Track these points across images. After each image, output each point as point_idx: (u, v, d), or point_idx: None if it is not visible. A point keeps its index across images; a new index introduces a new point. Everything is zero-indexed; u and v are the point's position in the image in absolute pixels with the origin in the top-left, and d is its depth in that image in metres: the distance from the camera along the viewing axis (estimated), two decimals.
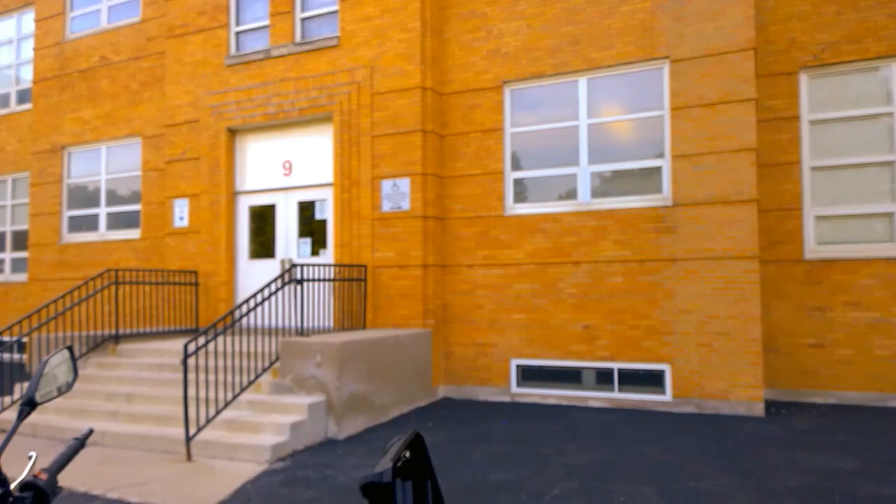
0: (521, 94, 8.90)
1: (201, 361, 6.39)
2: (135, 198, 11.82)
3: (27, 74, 13.92)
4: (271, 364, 7.14)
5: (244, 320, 7.11)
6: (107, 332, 8.78)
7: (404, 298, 8.72)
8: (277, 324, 7.36)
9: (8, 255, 14.15)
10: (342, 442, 6.68)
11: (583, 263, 8.31)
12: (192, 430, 6.08)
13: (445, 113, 9.17)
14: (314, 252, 9.62)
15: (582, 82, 8.55)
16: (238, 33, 10.37)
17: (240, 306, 7.03)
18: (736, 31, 7.66)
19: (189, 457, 6.03)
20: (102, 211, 12.14)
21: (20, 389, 8.03)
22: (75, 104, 12.39)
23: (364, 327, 8.72)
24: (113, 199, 12.09)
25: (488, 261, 8.86)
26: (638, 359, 7.99)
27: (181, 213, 10.46)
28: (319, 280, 7.92)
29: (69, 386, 1.69)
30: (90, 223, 12.27)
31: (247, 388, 6.72)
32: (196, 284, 10.01)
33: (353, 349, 7.11)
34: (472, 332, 8.87)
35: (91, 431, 1.66)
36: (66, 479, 1.47)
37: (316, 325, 7.73)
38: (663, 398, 7.85)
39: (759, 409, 7.36)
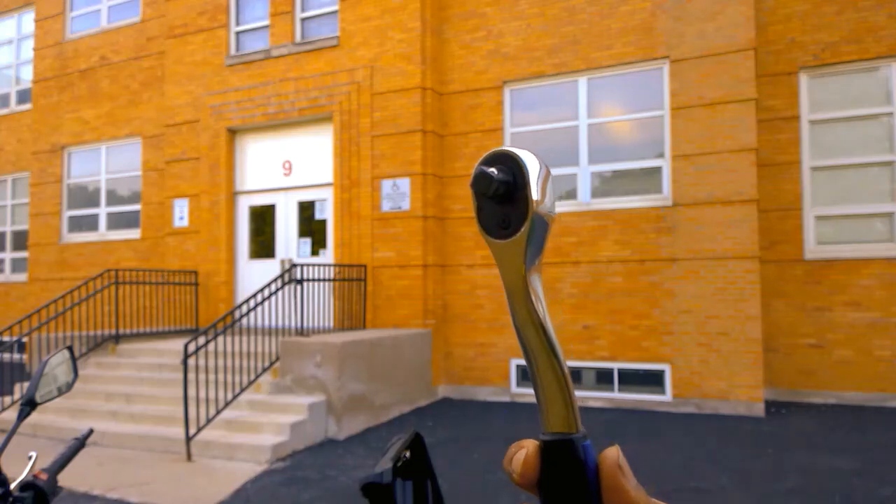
0: (521, 94, 8.90)
1: (201, 361, 6.39)
2: (135, 198, 11.82)
3: (27, 74, 13.91)
4: (271, 364, 7.14)
5: (244, 320, 7.12)
6: (107, 332, 8.78)
7: (404, 298, 8.72)
8: (277, 324, 7.35)
9: (8, 255, 14.15)
10: (342, 442, 6.68)
11: (583, 263, 8.31)
12: (192, 430, 6.09)
13: (445, 113, 9.17)
14: (314, 252, 9.62)
15: (582, 82, 8.55)
16: (238, 33, 10.37)
17: (240, 306, 7.03)
18: (736, 31, 7.65)
19: (189, 457, 6.03)
20: (102, 211, 12.14)
21: (20, 389, 8.02)
22: (75, 104, 12.38)
23: (364, 327, 8.72)
24: (113, 199, 12.09)
25: (488, 261, 8.85)
26: (638, 359, 7.99)
27: (181, 213, 10.46)
28: (319, 280, 7.92)
29: (69, 386, 1.69)
30: (90, 223, 12.27)
31: (247, 388, 6.72)
32: (196, 284, 10.01)
33: (353, 349, 7.11)
34: (471, 332, 8.87)
35: (91, 431, 1.66)
36: (66, 479, 1.47)
37: (316, 325, 7.73)
38: (663, 398, 7.85)
39: (758, 409, 7.35)
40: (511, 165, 0.41)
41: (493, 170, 0.41)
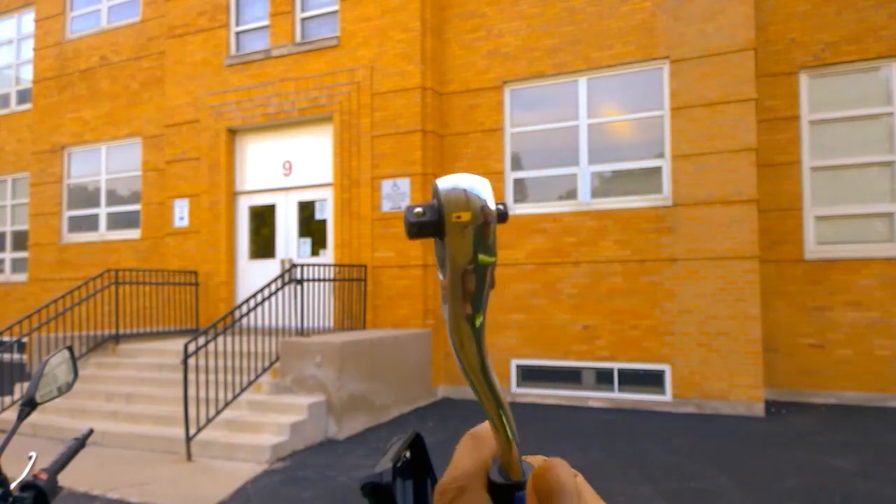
0: (521, 94, 8.90)
1: (201, 361, 6.38)
2: (135, 198, 11.82)
3: (27, 74, 13.91)
4: (271, 364, 7.14)
5: (244, 320, 7.11)
6: (107, 332, 8.77)
7: (404, 298, 8.72)
8: (277, 324, 7.35)
9: (8, 255, 14.15)
10: (342, 442, 6.68)
11: (583, 263, 8.31)
12: (192, 430, 6.08)
13: (445, 113, 9.16)
14: (314, 252, 9.62)
15: (582, 82, 8.55)
16: (238, 33, 10.37)
17: (240, 306, 7.03)
18: (736, 31, 7.65)
19: (189, 457, 6.03)
20: (102, 211, 12.14)
21: (20, 389, 8.02)
22: (75, 104, 12.38)
23: (364, 327, 8.72)
24: (113, 199, 12.09)
25: None
26: (638, 359, 7.99)
27: (181, 213, 10.46)
28: (319, 280, 7.92)
29: (69, 386, 1.69)
30: (90, 223, 12.26)
31: (247, 388, 6.72)
32: (196, 284, 10.00)
33: (353, 349, 7.11)
34: None
35: (91, 431, 1.65)
36: (66, 479, 1.47)
37: (316, 325, 7.73)
38: (663, 398, 7.85)
39: (759, 409, 7.35)
40: (438, 202, 0.34)
41: (418, 209, 0.34)
